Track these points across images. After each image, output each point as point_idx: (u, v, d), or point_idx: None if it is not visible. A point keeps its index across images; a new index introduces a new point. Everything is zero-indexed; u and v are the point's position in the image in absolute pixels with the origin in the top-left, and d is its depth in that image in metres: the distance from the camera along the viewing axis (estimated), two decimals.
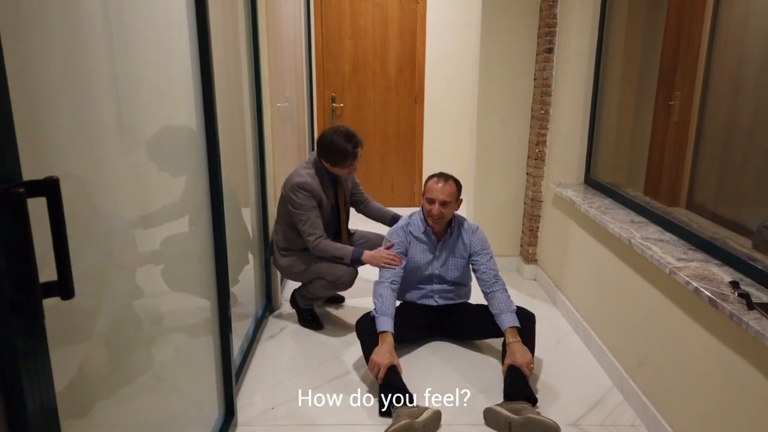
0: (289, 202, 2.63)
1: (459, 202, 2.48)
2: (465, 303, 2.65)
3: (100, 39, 1.10)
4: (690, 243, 2.01)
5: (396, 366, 2.20)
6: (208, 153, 1.75)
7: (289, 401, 2.21)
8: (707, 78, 2.06)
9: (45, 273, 0.81)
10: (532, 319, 2.42)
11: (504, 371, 2.25)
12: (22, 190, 0.73)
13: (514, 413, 1.99)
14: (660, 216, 2.23)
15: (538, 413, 2.01)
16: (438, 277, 2.58)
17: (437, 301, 2.60)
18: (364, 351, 2.33)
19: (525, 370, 2.19)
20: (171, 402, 1.51)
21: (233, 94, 2.31)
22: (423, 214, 2.52)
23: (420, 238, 2.55)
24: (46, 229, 0.78)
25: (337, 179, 2.77)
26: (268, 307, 3.01)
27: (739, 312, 1.48)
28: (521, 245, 3.68)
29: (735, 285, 1.62)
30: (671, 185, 2.35)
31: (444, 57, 4.94)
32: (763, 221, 1.75)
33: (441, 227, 2.52)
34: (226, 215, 1.87)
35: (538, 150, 3.34)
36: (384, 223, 2.99)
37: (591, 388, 2.33)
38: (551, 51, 3.18)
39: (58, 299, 0.80)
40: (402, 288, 2.61)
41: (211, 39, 1.72)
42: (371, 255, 2.55)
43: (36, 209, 0.77)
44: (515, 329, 2.31)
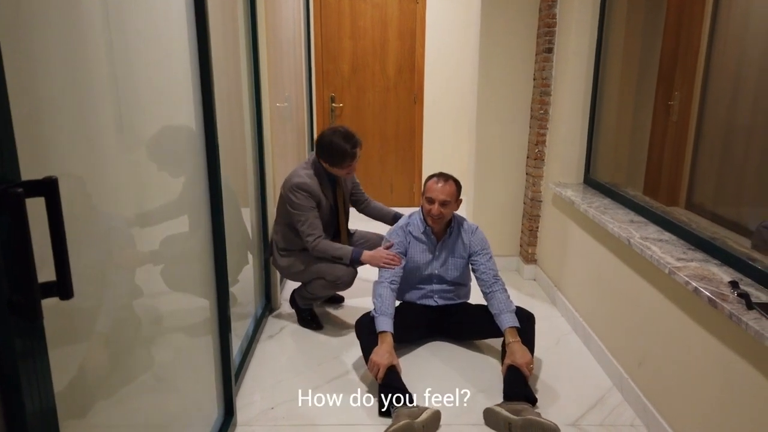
0: (288, 202, 2.63)
1: (459, 202, 2.48)
2: (464, 303, 2.65)
3: (99, 39, 1.10)
4: (689, 243, 2.01)
5: (395, 366, 2.19)
6: (207, 153, 1.75)
7: (289, 401, 2.21)
8: (706, 78, 2.06)
9: (44, 273, 0.80)
10: (531, 319, 2.42)
11: (503, 371, 2.25)
12: (20, 190, 0.73)
13: (513, 414, 1.99)
14: (659, 216, 2.23)
15: (537, 414, 2.01)
16: (437, 277, 2.58)
17: (437, 301, 2.60)
18: (363, 351, 2.33)
19: (525, 370, 2.19)
20: (170, 402, 1.51)
21: (233, 94, 2.31)
22: (422, 213, 2.52)
23: (419, 238, 2.55)
24: (45, 229, 0.78)
25: (336, 180, 2.77)
26: (267, 307, 3.01)
27: (739, 312, 1.48)
28: (521, 245, 3.68)
29: (734, 285, 1.62)
30: (670, 185, 2.35)
31: (443, 57, 4.94)
32: (763, 221, 1.75)
33: (440, 227, 2.52)
34: (225, 215, 1.87)
35: (537, 150, 3.34)
36: (385, 223, 2.99)
37: (590, 388, 2.33)
38: (550, 51, 3.18)
39: (57, 299, 0.80)
40: (401, 288, 2.61)
41: (211, 39, 1.72)
42: (370, 255, 2.55)
43: (35, 209, 0.77)
44: (515, 329, 2.32)
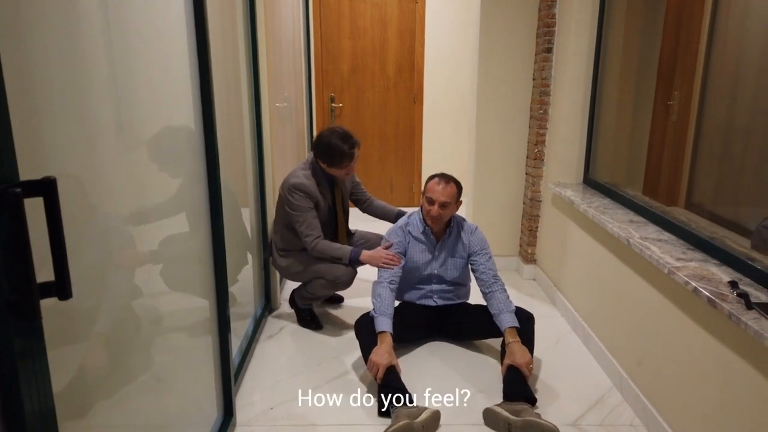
0: (286, 203, 2.63)
1: (459, 203, 2.47)
2: (464, 303, 2.65)
3: (98, 39, 1.10)
4: (689, 243, 2.01)
5: (395, 366, 2.19)
6: (206, 153, 1.75)
7: (288, 401, 2.21)
8: (706, 78, 2.06)
9: (43, 273, 0.80)
10: (531, 319, 2.42)
11: (503, 371, 2.25)
12: (19, 190, 0.73)
13: (513, 414, 1.99)
14: (659, 216, 2.23)
15: (537, 415, 2.00)
16: (437, 277, 2.58)
17: (436, 302, 2.60)
18: (362, 351, 2.33)
19: (524, 370, 2.18)
20: (170, 402, 1.50)
21: (232, 94, 2.31)
22: (422, 213, 2.52)
23: (419, 238, 2.55)
24: (43, 230, 0.78)
25: (335, 180, 2.77)
26: (267, 307, 3.00)
27: (738, 312, 1.48)
28: (520, 245, 3.68)
29: (734, 285, 1.62)
30: (670, 185, 2.35)
31: (443, 57, 4.94)
32: (762, 221, 1.75)
33: (440, 227, 2.52)
34: (224, 215, 1.87)
35: (537, 150, 3.34)
36: (389, 221, 2.98)
37: (590, 387, 2.33)
38: (550, 51, 3.18)
39: (56, 299, 0.80)
40: (401, 288, 2.61)
41: (210, 39, 1.71)
42: (369, 255, 2.55)
43: (34, 210, 0.77)
44: (514, 329, 2.31)
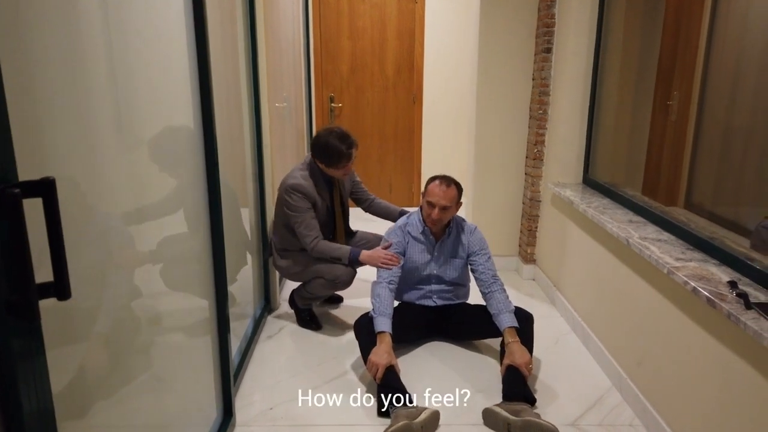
0: (284, 204, 2.63)
1: (459, 205, 2.47)
2: (463, 303, 2.65)
3: (98, 39, 1.10)
4: (688, 243, 2.01)
5: (394, 366, 2.19)
6: (205, 153, 1.75)
7: (288, 401, 2.21)
8: (705, 78, 2.06)
9: (42, 274, 0.80)
10: (530, 319, 2.42)
11: (502, 371, 2.25)
12: (17, 190, 0.73)
13: (513, 414, 1.99)
14: (658, 216, 2.23)
15: (537, 415, 2.00)
16: (436, 278, 2.58)
17: (435, 302, 2.60)
18: (362, 351, 2.33)
19: (524, 370, 2.18)
20: (169, 402, 1.50)
21: (231, 94, 2.31)
22: (422, 214, 2.52)
23: (418, 238, 2.55)
24: (42, 230, 0.78)
25: (333, 180, 2.77)
26: (266, 308, 3.00)
27: (737, 312, 1.48)
28: (520, 245, 3.68)
29: (733, 285, 1.62)
30: (669, 185, 2.35)
31: (442, 57, 4.94)
32: (762, 221, 1.75)
33: (439, 228, 2.52)
34: (224, 215, 1.87)
35: (536, 150, 3.34)
36: (392, 221, 2.97)
37: (589, 387, 2.33)
38: (549, 51, 3.18)
39: (55, 300, 0.80)
40: (400, 288, 2.61)
41: (210, 39, 1.71)
42: (369, 255, 2.55)
43: (33, 210, 0.77)
44: (514, 329, 2.31)
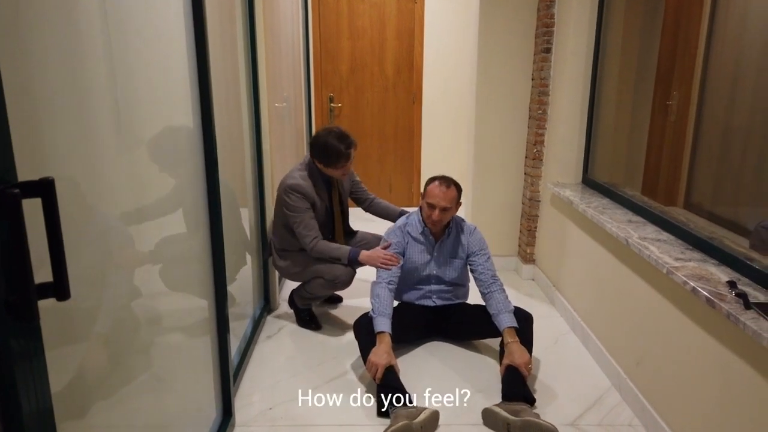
0: (283, 204, 2.63)
1: (458, 205, 2.47)
2: (463, 303, 2.65)
3: (97, 38, 1.09)
4: (687, 243, 2.01)
5: (394, 366, 2.19)
6: (205, 153, 1.75)
7: (287, 401, 2.21)
8: (704, 78, 2.06)
9: (41, 274, 0.80)
10: (529, 320, 2.42)
11: (502, 371, 2.25)
12: (17, 191, 0.73)
13: (512, 414, 1.99)
14: (657, 216, 2.23)
15: (536, 415, 2.00)
16: (436, 278, 2.58)
17: (435, 302, 2.60)
18: (362, 351, 2.33)
19: (523, 370, 2.18)
20: (168, 402, 1.50)
21: (231, 94, 2.31)
22: (422, 215, 2.52)
23: (418, 238, 2.55)
24: (41, 230, 0.78)
25: (332, 180, 2.77)
26: (266, 308, 3.00)
27: (737, 312, 1.48)
28: (519, 245, 3.68)
29: (732, 285, 1.62)
30: (669, 185, 2.35)
31: (442, 57, 4.94)
32: (761, 221, 1.75)
33: (439, 229, 2.52)
34: (223, 215, 1.87)
35: (535, 150, 3.34)
36: (392, 221, 2.97)
37: (589, 387, 2.33)
38: (549, 51, 3.18)
39: (54, 300, 0.80)
40: (400, 288, 2.61)
41: (209, 39, 1.71)
42: (368, 255, 2.55)
43: (32, 210, 0.77)
44: (513, 329, 2.31)
